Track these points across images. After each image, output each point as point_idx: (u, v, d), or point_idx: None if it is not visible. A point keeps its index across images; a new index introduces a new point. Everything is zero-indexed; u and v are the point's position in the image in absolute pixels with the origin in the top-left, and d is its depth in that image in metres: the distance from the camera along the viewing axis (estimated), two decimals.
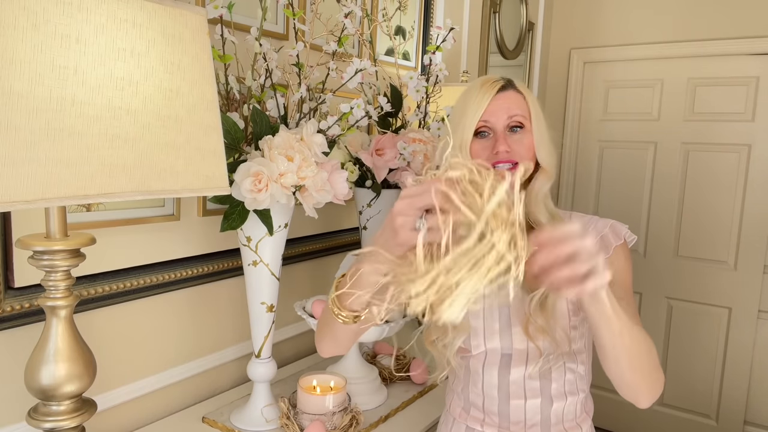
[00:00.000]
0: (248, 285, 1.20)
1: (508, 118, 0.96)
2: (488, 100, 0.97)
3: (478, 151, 0.97)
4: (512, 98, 0.98)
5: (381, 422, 1.29)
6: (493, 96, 0.97)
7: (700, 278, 2.77)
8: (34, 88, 0.64)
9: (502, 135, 0.96)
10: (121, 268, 1.16)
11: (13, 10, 0.62)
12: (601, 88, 2.97)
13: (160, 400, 1.29)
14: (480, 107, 0.97)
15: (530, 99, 1.00)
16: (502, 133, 0.96)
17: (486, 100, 0.97)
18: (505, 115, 0.96)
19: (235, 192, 1.04)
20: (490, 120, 0.97)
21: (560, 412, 1.01)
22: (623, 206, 2.92)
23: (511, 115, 0.97)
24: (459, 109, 1.00)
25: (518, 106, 0.98)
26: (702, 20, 2.66)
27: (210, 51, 0.83)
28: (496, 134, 0.97)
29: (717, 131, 2.69)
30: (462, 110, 0.99)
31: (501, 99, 0.97)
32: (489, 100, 0.97)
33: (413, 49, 2.01)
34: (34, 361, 0.81)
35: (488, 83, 0.99)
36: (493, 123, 0.97)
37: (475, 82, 1.01)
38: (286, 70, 1.25)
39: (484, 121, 0.97)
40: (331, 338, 0.93)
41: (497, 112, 0.96)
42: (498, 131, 0.96)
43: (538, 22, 2.83)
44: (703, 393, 2.80)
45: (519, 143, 0.97)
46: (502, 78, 1.00)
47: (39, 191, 0.64)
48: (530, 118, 0.98)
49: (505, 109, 0.96)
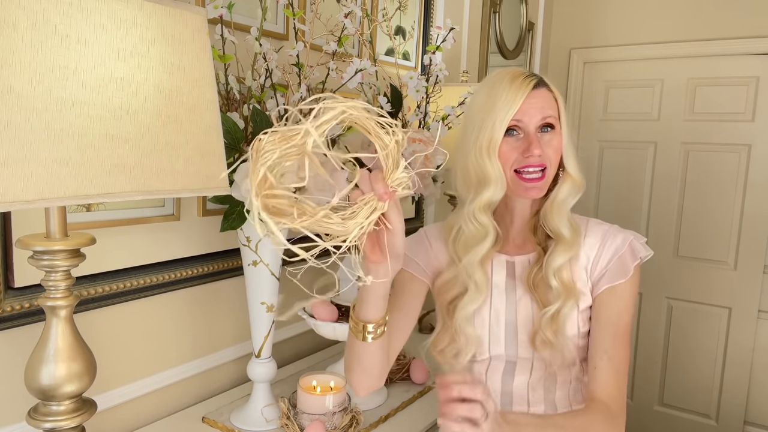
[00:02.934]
0: (248, 285, 1.20)
1: (541, 118, 0.92)
2: (522, 97, 0.91)
3: (507, 152, 0.92)
4: (545, 97, 0.93)
5: (381, 422, 1.28)
6: (528, 93, 0.91)
7: (700, 278, 2.77)
8: (34, 88, 0.64)
9: (535, 136, 0.91)
10: (121, 268, 1.16)
11: (13, 10, 0.62)
12: (601, 88, 2.97)
13: (160, 400, 1.29)
14: (513, 105, 0.91)
15: (560, 99, 0.95)
16: (535, 134, 0.92)
17: (520, 98, 0.91)
18: (539, 115, 0.92)
19: (235, 192, 1.04)
20: (523, 119, 0.91)
21: None
22: (623, 206, 2.92)
23: (545, 115, 0.92)
24: (484, 103, 0.93)
25: (551, 105, 0.93)
26: (702, 20, 2.66)
27: (210, 51, 0.83)
28: (528, 135, 0.92)
29: (717, 131, 2.69)
30: (489, 106, 0.92)
31: (535, 97, 0.92)
32: (523, 98, 0.91)
33: (413, 49, 2.01)
34: (34, 361, 0.81)
35: (520, 78, 0.92)
36: (525, 123, 0.92)
37: (502, 76, 0.94)
38: (286, 70, 1.24)
39: (516, 120, 0.91)
40: (358, 365, 0.92)
41: (531, 111, 0.91)
42: (530, 132, 0.92)
43: (538, 22, 2.82)
44: (703, 393, 2.80)
45: (549, 145, 0.93)
46: (533, 74, 0.95)
47: (39, 191, 0.64)
48: (560, 119, 0.94)
49: (539, 109, 0.91)
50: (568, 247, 0.95)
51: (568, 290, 0.94)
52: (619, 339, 0.96)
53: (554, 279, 0.94)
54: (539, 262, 0.98)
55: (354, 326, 0.87)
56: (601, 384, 0.95)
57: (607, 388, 0.94)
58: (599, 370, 0.95)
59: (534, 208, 1.01)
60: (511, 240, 1.03)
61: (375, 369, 0.92)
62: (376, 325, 0.85)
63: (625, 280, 0.96)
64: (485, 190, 0.93)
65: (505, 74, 0.94)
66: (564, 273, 0.95)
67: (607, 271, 0.96)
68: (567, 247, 0.95)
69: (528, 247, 1.02)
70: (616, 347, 0.95)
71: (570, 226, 0.96)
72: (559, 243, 0.96)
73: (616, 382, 0.95)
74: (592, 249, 0.98)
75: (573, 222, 0.97)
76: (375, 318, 0.85)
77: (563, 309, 0.94)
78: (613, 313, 0.96)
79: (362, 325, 0.85)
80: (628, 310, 0.97)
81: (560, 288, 0.94)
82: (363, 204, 0.68)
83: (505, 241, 1.03)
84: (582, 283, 0.97)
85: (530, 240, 1.02)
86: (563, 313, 0.93)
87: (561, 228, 0.95)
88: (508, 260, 1.01)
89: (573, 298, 0.94)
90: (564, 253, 0.95)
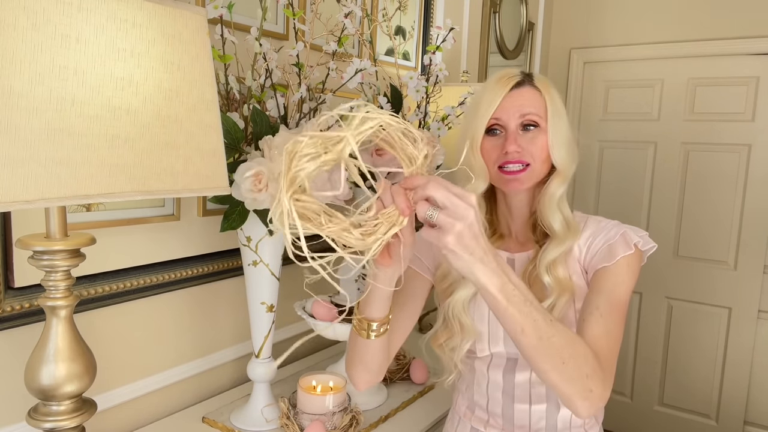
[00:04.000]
0: (248, 285, 1.20)
1: (520, 116, 0.93)
2: (501, 96, 0.93)
3: (489, 149, 0.95)
4: (527, 95, 0.94)
5: (381, 422, 1.28)
6: (507, 92, 0.93)
7: (700, 278, 2.77)
8: (34, 88, 0.64)
9: (513, 134, 0.93)
10: (121, 268, 1.16)
11: (13, 10, 0.62)
12: (601, 88, 2.97)
13: (160, 400, 1.29)
14: (492, 104, 0.93)
15: (549, 96, 0.96)
16: (514, 132, 0.93)
17: (499, 97, 0.93)
18: (517, 113, 0.93)
19: (235, 192, 1.04)
20: (501, 118, 0.93)
21: (567, 418, 1.00)
22: (623, 206, 2.92)
23: (524, 113, 0.93)
24: (474, 104, 0.98)
25: (532, 103, 0.94)
26: (702, 20, 2.66)
27: (210, 51, 0.83)
28: (508, 132, 0.94)
29: (717, 131, 2.69)
30: (476, 105, 0.96)
31: (514, 96, 0.94)
32: (502, 97, 0.93)
33: (413, 49, 2.01)
34: (34, 361, 0.81)
35: (504, 78, 0.95)
36: (504, 121, 0.93)
37: (491, 77, 0.98)
38: (286, 70, 1.24)
39: (495, 119, 0.94)
40: (360, 361, 0.94)
41: (509, 110, 0.93)
42: (510, 129, 0.93)
43: (538, 22, 2.82)
44: (703, 393, 2.80)
45: (531, 143, 0.93)
46: (520, 73, 0.96)
47: (39, 191, 0.64)
48: (546, 117, 0.94)
49: (517, 107, 0.93)
50: (560, 242, 0.95)
51: (562, 286, 0.94)
52: (614, 306, 0.89)
53: (547, 275, 0.94)
54: (535, 259, 0.98)
55: (358, 324, 0.88)
56: (590, 337, 0.85)
57: (597, 342, 0.84)
58: (588, 324, 0.87)
59: (532, 205, 1.01)
60: (514, 237, 1.04)
61: (376, 365, 0.94)
62: (380, 323, 0.87)
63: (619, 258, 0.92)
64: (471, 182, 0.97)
65: (494, 75, 0.98)
66: (558, 268, 0.95)
67: (597, 254, 0.95)
68: (559, 242, 0.95)
69: (529, 245, 1.02)
70: (611, 311, 0.88)
71: (562, 221, 0.96)
72: (552, 238, 0.96)
73: (608, 343, 0.85)
74: (585, 241, 0.98)
75: (568, 218, 0.97)
76: (379, 317, 0.86)
77: (557, 304, 0.93)
78: (607, 283, 0.91)
79: (366, 323, 0.87)
80: (623, 284, 0.91)
81: (553, 284, 0.94)
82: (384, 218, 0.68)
83: (508, 238, 1.05)
84: (578, 276, 0.97)
85: (531, 238, 1.02)
86: (557, 308, 0.93)
87: (553, 223, 0.96)
88: (509, 257, 1.02)
89: (568, 293, 0.94)
90: (556, 248, 0.95)
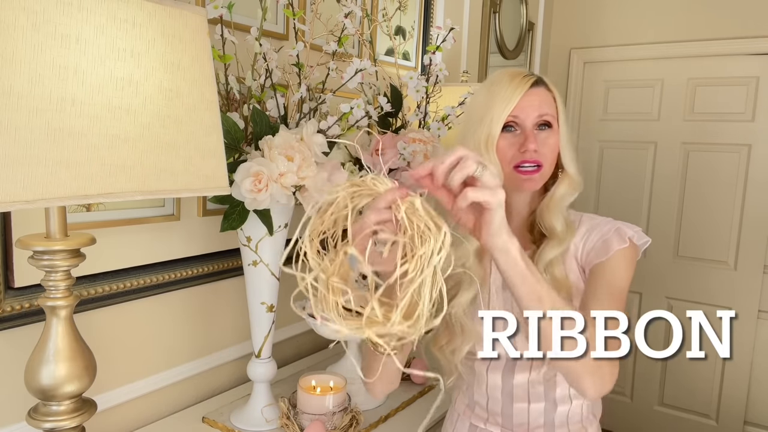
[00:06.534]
0: (248, 285, 1.20)
1: (538, 116, 0.94)
2: (520, 94, 0.93)
3: (505, 147, 0.94)
4: (543, 96, 0.95)
5: (381, 422, 1.29)
6: (526, 91, 0.93)
7: (700, 278, 2.77)
8: (34, 88, 0.64)
9: (531, 132, 0.93)
10: (121, 268, 1.16)
11: (13, 10, 0.62)
12: (601, 88, 2.97)
13: (160, 400, 1.29)
14: (511, 101, 0.93)
15: (559, 99, 0.97)
16: (531, 130, 0.93)
17: (518, 95, 0.93)
18: (536, 113, 0.93)
19: (235, 192, 1.04)
20: (519, 116, 0.93)
21: (565, 415, 1.01)
22: (623, 206, 2.92)
23: (542, 113, 0.94)
24: (483, 101, 0.96)
25: (548, 104, 0.95)
26: (702, 20, 2.66)
27: (210, 51, 0.83)
28: (525, 131, 0.94)
29: (717, 131, 2.69)
30: (488, 103, 0.95)
31: (533, 95, 0.94)
32: (521, 95, 0.93)
33: (413, 49, 2.01)
34: (34, 361, 0.81)
35: (519, 77, 0.95)
36: (522, 119, 0.93)
37: (501, 75, 0.97)
38: (286, 70, 1.24)
39: (513, 116, 0.93)
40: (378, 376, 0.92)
41: (528, 108, 0.93)
42: (527, 128, 0.93)
43: (538, 22, 2.82)
44: (703, 393, 2.80)
45: (545, 143, 0.94)
46: (533, 74, 0.97)
47: (39, 191, 0.64)
48: (557, 119, 0.96)
49: (536, 106, 0.93)
50: (560, 242, 0.95)
51: (559, 285, 0.94)
52: (614, 296, 0.89)
53: (544, 274, 0.94)
54: (533, 259, 0.98)
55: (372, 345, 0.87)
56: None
57: None
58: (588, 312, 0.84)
59: (531, 206, 1.01)
60: None
61: (393, 376, 0.97)
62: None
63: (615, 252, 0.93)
64: None
65: (504, 73, 0.97)
66: (555, 268, 0.95)
67: (593, 250, 0.95)
68: (558, 242, 0.95)
69: (526, 246, 1.02)
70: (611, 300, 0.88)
71: (564, 223, 0.96)
72: (551, 238, 0.96)
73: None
74: (581, 238, 0.98)
75: (567, 219, 0.98)
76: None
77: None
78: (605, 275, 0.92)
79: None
80: (621, 275, 0.92)
81: (550, 283, 0.93)
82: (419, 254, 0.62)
83: None
84: (575, 274, 0.97)
85: (528, 237, 1.02)
86: None
87: (555, 224, 0.96)
88: None
89: (564, 292, 0.94)
90: (554, 248, 0.95)
